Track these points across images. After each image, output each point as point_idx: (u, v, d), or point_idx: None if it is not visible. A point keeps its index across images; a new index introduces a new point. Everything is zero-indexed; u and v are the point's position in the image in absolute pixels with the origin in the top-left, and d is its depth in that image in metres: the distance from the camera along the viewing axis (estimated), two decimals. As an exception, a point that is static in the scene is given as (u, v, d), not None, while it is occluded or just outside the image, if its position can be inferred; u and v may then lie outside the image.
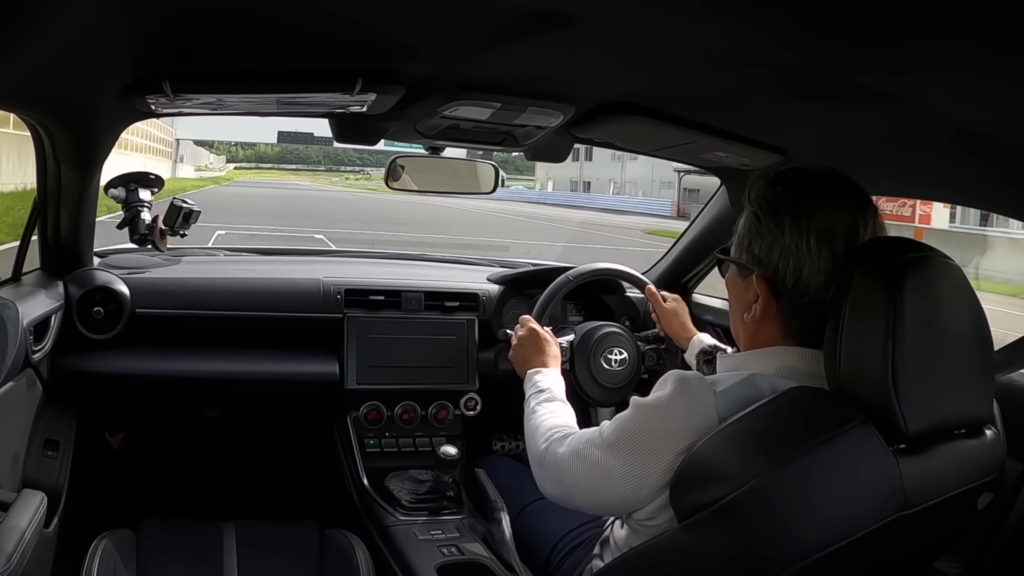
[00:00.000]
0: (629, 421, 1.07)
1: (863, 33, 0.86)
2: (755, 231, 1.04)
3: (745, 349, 1.12)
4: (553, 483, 1.20)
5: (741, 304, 1.09)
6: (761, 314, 1.05)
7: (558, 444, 1.20)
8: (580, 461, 1.12)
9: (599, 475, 1.08)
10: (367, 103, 1.43)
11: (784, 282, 1.02)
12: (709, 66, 1.18)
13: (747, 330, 1.09)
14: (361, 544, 1.82)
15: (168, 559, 1.84)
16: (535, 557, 1.63)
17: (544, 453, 1.23)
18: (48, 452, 1.74)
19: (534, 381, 1.52)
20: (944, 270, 0.96)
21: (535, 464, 1.27)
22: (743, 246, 1.07)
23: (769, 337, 1.06)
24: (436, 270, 2.48)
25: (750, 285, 1.05)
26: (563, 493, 1.18)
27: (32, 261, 1.73)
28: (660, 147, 1.82)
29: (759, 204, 1.04)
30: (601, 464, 1.08)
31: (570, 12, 1.00)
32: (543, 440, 1.25)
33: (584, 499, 1.15)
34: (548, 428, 1.28)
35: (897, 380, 0.90)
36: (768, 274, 1.03)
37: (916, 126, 1.23)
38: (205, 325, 1.96)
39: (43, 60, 1.02)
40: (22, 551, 1.30)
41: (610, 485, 1.07)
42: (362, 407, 2.05)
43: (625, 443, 1.06)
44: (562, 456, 1.17)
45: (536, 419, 1.35)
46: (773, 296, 1.04)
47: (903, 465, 0.92)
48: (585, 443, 1.13)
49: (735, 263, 1.09)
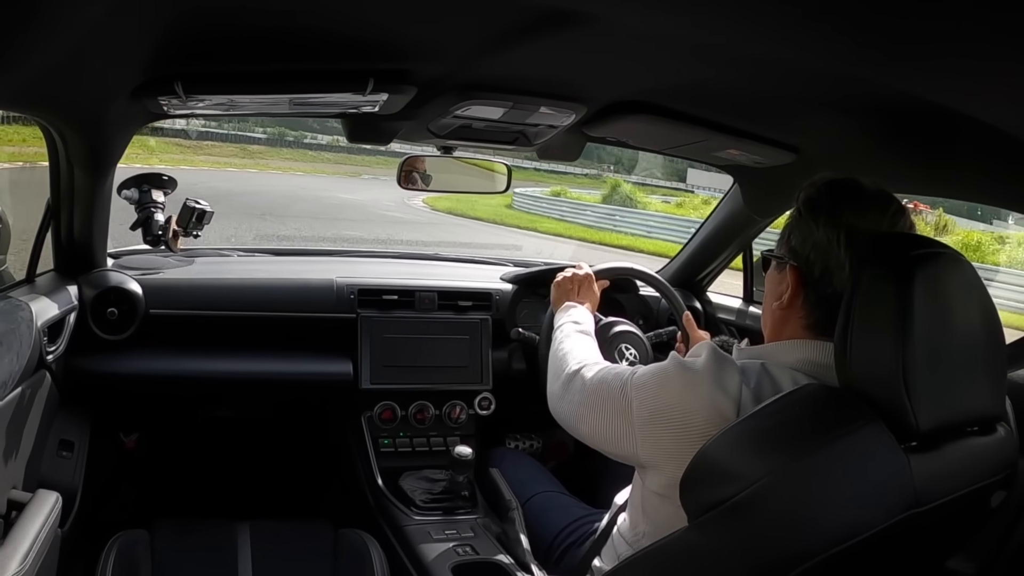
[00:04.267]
0: (661, 373, 1.10)
1: (886, 34, 0.85)
2: (795, 225, 1.12)
3: (768, 340, 1.17)
4: (570, 403, 1.26)
5: (773, 295, 1.15)
6: (788, 303, 1.11)
7: (590, 370, 1.26)
8: (606, 389, 1.18)
9: (617, 410, 1.14)
10: (379, 103, 1.43)
11: (812, 273, 1.08)
12: (722, 66, 1.17)
13: (774, 318, 1.15)
14: (375, 544, 1.83)
15: (182, 559, 1.85)
16: (535, 550, 1.65)
17: (574, 374, 1.28)
18: (63, 452, 1.75)
19: (573, 313, 1.58)
20: (954, 266, 0.96)
21: (556, 381, 1.33)
22: (783, 240, 1.14)
23: (792, 329, 1.11)
24: (449, 269, 2.48)
25: (784, 276, 1.12)
26: (574, 415, 1.25)
27: (46, 263, 1.74)
28: (672, 145, 1.82)
29: (803, 202, 1.12)
30: (624, 402, 1.13)
31: (582, 11, 0.99)
32: (576, 363, 1.32)
33: (590, 426, 1.20)
34: (584, 356, 1.36)
35: (908, 377, 0.90)
36: (799, 265, 1.09)
37: (936, 125, 1.21)
38: (218, 325, 1.96)
39: (55, 63, 1.02)
40: (37, 551, 1.30)
41: (622, 423, 1.12)
42: (376, 407, 2.06)
43: (651, 393, 1.09)
44: (591, 380, 1.23)
45: (571, 343, 1.43)
46: (801, 286, 1.09)
47: (914, 463, 0.92)
48: (616, 375, 1.18)
49: (774, 257, 1.16)
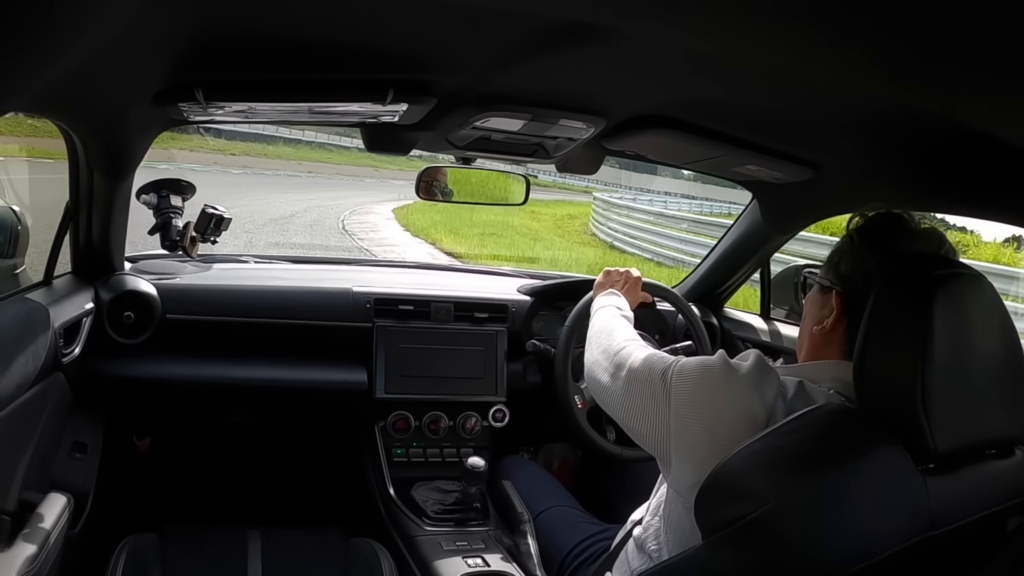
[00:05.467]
0: (706, 367, 1.09)
1: (913, 55, 0.83)
2: (846, 252, 1.12)
3: (804, 360, 1.17)
4: (609, 375, 1.27)
5: (814, 318, 1.15)
6: (830, 328, 1.10)
7: (636, 349, 1.27)
8: (648, 369, 1.18)
9: (656, 390, 1.13)
10: (399, 113, 1.43)
11: (859, 302, 1.04)
12: (744, 83, 1.16)
13: (812, 341, 1.15)
14: (386, 553, 1.82)
15: (192, 564, 1.85)
16: (546, 565, 1.64)
17: (619, 349, 1.29)
18: (76, 454, 1.76)
19: (615, 300, 1.61)
20: (975, 286, 0.95)
21: (599, 352, 1.35)
22: (831, 265, 1.14)
23: (830, 351, 1.11)
24: (466, 280, 2.48)
25: (828, 301, 1.12)
26: (608, 389, 1.26)
27: (63, 265, 1.74)
28: (692, 160, 1.80)
29: (857, 230, 1.13)
30: (665, 383, 1.12)
31: (603, 25, 0.98)
32: (623, 339, 1.34)
33: (625, 401, 1.20)
34: (631, 335, 1.38)
35: (926, 399, 0.89)
36: (847, 292, 1.09)
37: (961, 145, 1.19)
38: (234, 331, 1.96)
39: (76, 68, 1.02)
40: (47, 552, 1.31)
41: (658, 406, 1.12)
42: (390, 416, 2.05)
43: (692, 383, 1.09)
44: (636, 358, 1.23)
45: (617, 323, 1.46)
46: (845, 313, 1.09)
47: (931, 485, 0.91)
48: (661, 358, 1.19)
49: (819, 281, 1.16)
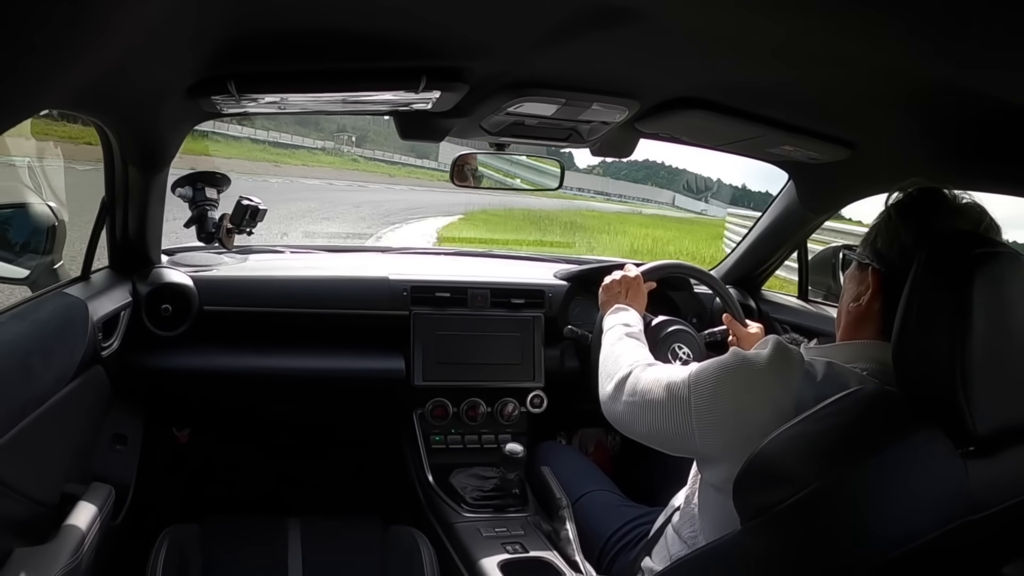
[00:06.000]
0: (722, 367, 1.09)
1: (960, 35, 0.80)
2: (883, 228, 1.10)
3: (840, 339, 1.15)
4: (625, 404, 1.24)
5: (851, 295, 1.13)
6: (867, 305, 1.09)
7: (642, 370, 1.25)
8: (662, 389, 1.16)
9: (676, 407, 1.12)
10: (431, 101, 1.42)
11: (895, 279, 1.04)
12: (779, 62, 1.14)
13: (849, 318, 1.13)
14: (425, 540, 1.84)
15: (233, 553, 1.87)
16: (586, 551, 1.64)
17: (627, 375, 1.27)
18: (116, 446, 1.78)
19: (621, 316, 1.60)
20: (1015, 265, 0.93)
21: (609, 382, 1.32)
22: (868, 241, 1.12)
23: (867, 330, 1.10)
24: (502, 267, 2.47)
25: (865, 277, 1.11)
26: (629, 416, 1.23)
27: (101, 259, 1.76)
28: (726, 141, 1.78)
29: (895, 205, 1.11)
30: (682, 398, 1.11)
31: (640, 9, 0.97)
32: (628, 363, 1.31)
33: (647, 426, 1.18)
34: (636, 356, 1.36)
35: (966, 381, 0.88)
36: (883, 269, 1.08)
37: (1003, 122, 1.15)
38: (272, 322, 1.98)
39: (109, 64, 1.02)
40: (90, 542, 1.33)
41: (681, 420, 1.11)
42: (428, 404, 2.06)
43: (711, 387, 1.08)
44: (646, 379, 1.21)
45: (622, 346, 1.43)
46: (881, 290, 1.08)
47: (971, 469, 0.90)
48: (671, 373, 1.17)
49: (856, 257, 1.14)
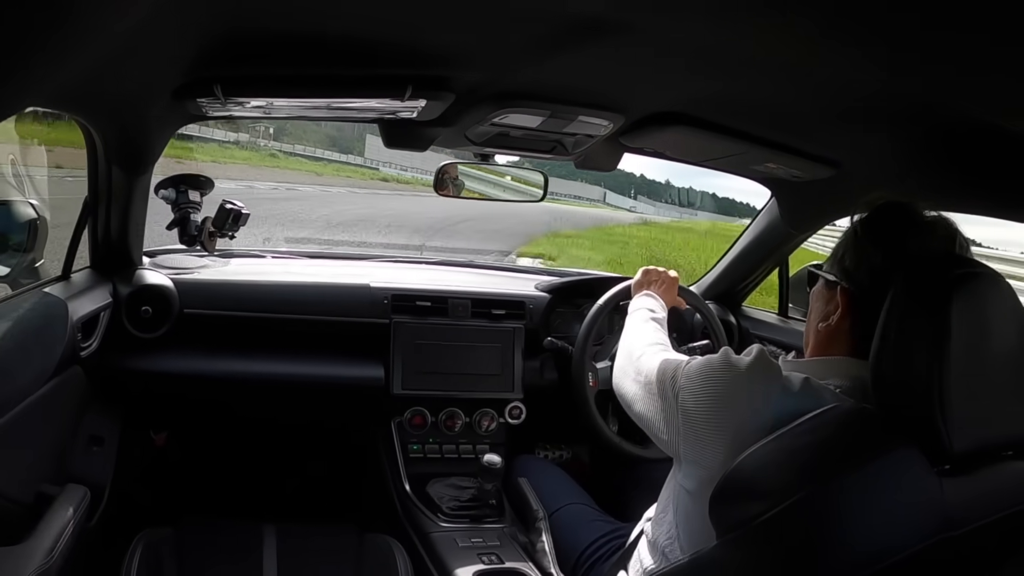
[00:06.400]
0: (708, 365, 1.09)
1: (935, 51, 0.81)
2: (851, 246, 1.09)
3: (811, 356, 1.15)
4: (632, 380, 1.28)
5: (820, 314, 1.13)
6: (836, 324, 1.08)
7: (654, 353, 1.28)
8: (661, 374, 1.18)
9: (666, 394, 1.14)
10: (417, 109, 1.43)
11: (865, 298, 1.04)
12: (764, 79, 1.16)
13: (818, 338, 1.12)
14: (401, 549, 1.83)
15: (208, 558, 1.85)
16: (561, 563, 1.64)
17: (642, 353, 1.31)
18: (93, 447, 1.77)
19: (649, 301, 1.64)
20: (993, 286, 0.94)
21: (627, 358, 1.36)
22: (835, 259, 1.11)
23: (836, 348, 1.09)
24: (484, 277, 2.47)
25: (833, 296, 1.09)
26: (632, 393, 1.27)
27: (82, 260, 1.75)
28: (710, 158, 1.79)
29: (861, 222, 1.09)
30: (674, 386, 1.12)
31: (623, 21, 0.98)
32: (646, 343, 1.37)
33: (643, 407, 1.22)
34: (655, 339, 1.41)
35: (944, 401, 0.88)
36: (852, 288, 1.07)
37: (983, 142, 1.18)
38: (252, 326, 1.97)
39: (94, 64, 1.02)
40: (64, 544, 1.31)
41: (669, 408, 1.12)
42: (406, 412, 2.06)
43: (696, 382, 1.08)
44: (651, 363, 1.23)
45: (649, 327, 1.50)
46: (850, 310, 1.06)
47: (947, 487, 0.90)
48: (673, 363, 1.18)
49: (824, 276, 1.13)
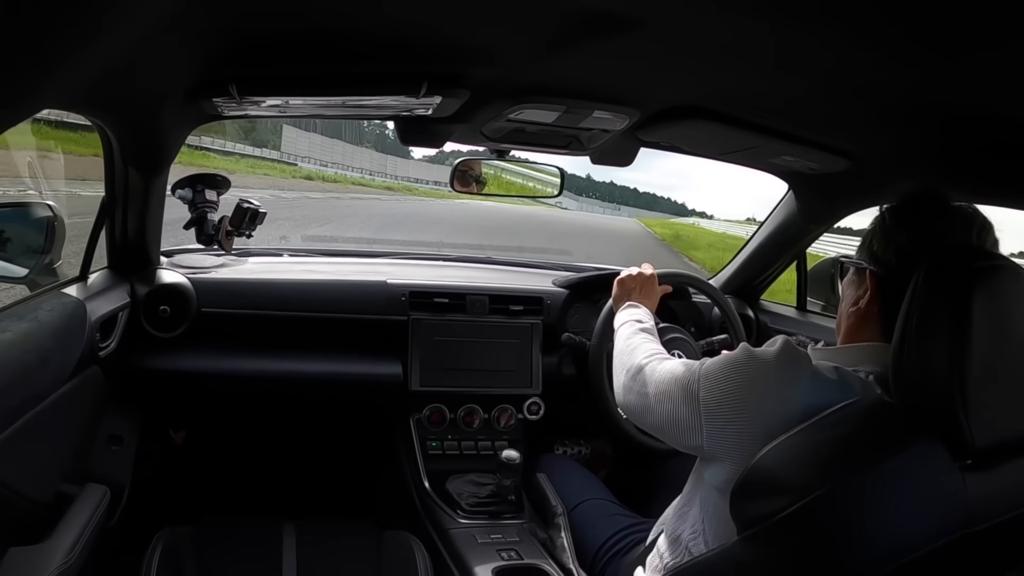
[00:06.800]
0: (731, 362, 1.07)
1: (950, 43, 0.80)
2: (878, 230, 1.10)
3: (842, 343, 1.14)
4: (637, 394, 1.25)
5: (850, 299, 1.13)
6: (866, 308, 1.09)
7: (658, 362, 1.25)
8: (673, 381, 1.15)
9: (685, 399, 1.11)
10: (432, 106, 1.42)
11: (893, 280, 1.04)
12: (777, 71, 1.15)
13: (849, 322, 1.13)
14: (420, 546, 1.83)
15: (228, 556, 1.86)
16: (580, 559, 1.64)
17: (642, 366, 1.28)
18: (112, 447, 1.78)
19: (634, 312, 1.60)
20: (1015, 280, 0.93)
21: (624, 375, 1.33)
22: (864, 245, 1.12)
23: (867, 333, 1.09)
24: (501, 274, 2.47)
25: (863, 281, 1.10)
26: (641, 406, 1.24)
27: (100, 260, 1.75)
28: (727, 151, 1.79)
29: (889, 209, 1.10)
30: (692, 391, 1.10)
31: (639, 16, 0.98)
32: (644, 356, 1.31)
33: (658, 417, 1.17)
34: (652, 349, 1.36)
35: (965, 394, 0.88)
36: (880, 271, 1.07)
37: (999, 134, 1.16)
38: (270, 325, 1.97)
39: (111, 65, 1.02)
40: (84, 543, 1.32)
41: (689, 413, 1.09)
42: (425, 409, 2.06)
43: (720, 382, 1.06)
44: (659, 371, 1.21)
45: (638, 340, 1.44)
46: (879, 292, 1.07)
47: (969, 481, 0.90)
48: (683, 367, 1.16)
49: (853, 263, 1.14)
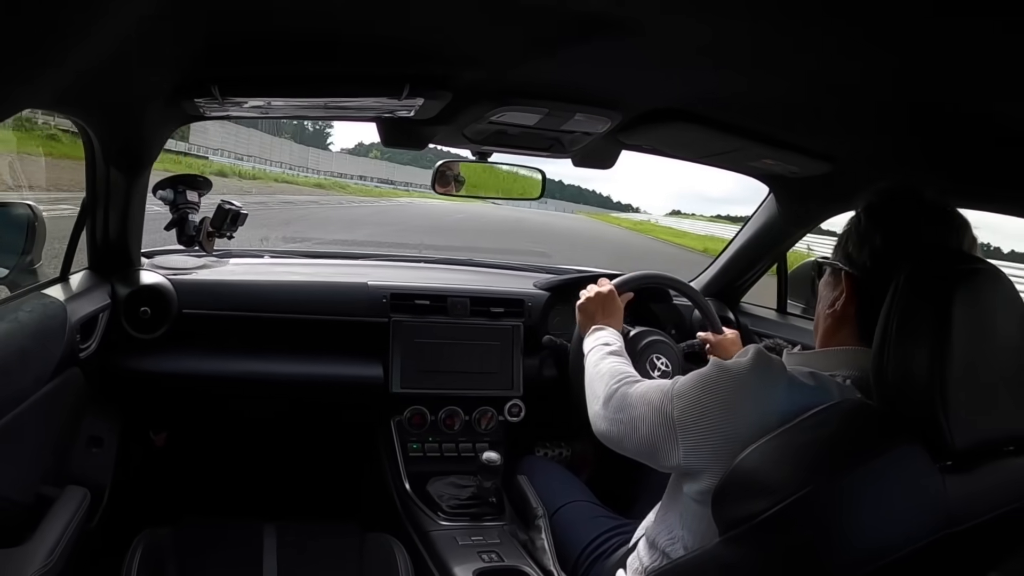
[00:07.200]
0: (703, 379, 1.07)
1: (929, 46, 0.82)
2: (854, 231, 1.09)
3: (819, 347, 1.14)
4: (611, 421, 1.24)
5: (826, 301, 1.13)
6: (842, 310, 1.08)
7: (628, 386, 1.24)
8: (646, 404, 1.15)
9: (660, 421, 1.10)
10: (414, 108, 1.43)
11: (868, 281, 1.04)
12: (761, 72, 1.16)
13: (826, 324, 1.12)
14: (402, 548, 1.83)
15: (208, 558, 1.85)
16: (563, 562, 1.64)
17: (613, 392, 1.26)
18: (92, 449, 1.77)
19: (600, 336, 1.58)
20: (994, 283, 0.94)
21: (596, 403, 1.31)
22: (840, 246, 1.11)
23: (843, 336, 1.09)
24: (482, 276, 2.47)
25: (839, 282, 1.10)
26: (617, 433, 1.22)
27: (80, 261, 1.74)
28: (708, 154, 1.80)
29: (865, 209, 1.10)
30: (666, 413, 1.09)
31: (621, 19, 0.98)
32: (614, 381, 1.29)
33: (635, 442, 1.16)
34: (620, 372, 1.33)
35: (944, 398, 0.89)
36: (856, 272, 1.07)
37: (979, 137, 1.18)
38: (250, 326, 1.96)
39: (92, 66, 1.02)
40: (64, 546, 1.31)
41: (665, 435, 1.09)
42: (406, 411, 2.06)
43: (693, 400, 1.06)
44: (631, 396, 1.21)
45: (606, 364, 1.41)
46: (855, 294, 1.07)
47: (949, 483, 0.91)
48: (655, 389, 1.16)
49: (829, 264, 1.13)
